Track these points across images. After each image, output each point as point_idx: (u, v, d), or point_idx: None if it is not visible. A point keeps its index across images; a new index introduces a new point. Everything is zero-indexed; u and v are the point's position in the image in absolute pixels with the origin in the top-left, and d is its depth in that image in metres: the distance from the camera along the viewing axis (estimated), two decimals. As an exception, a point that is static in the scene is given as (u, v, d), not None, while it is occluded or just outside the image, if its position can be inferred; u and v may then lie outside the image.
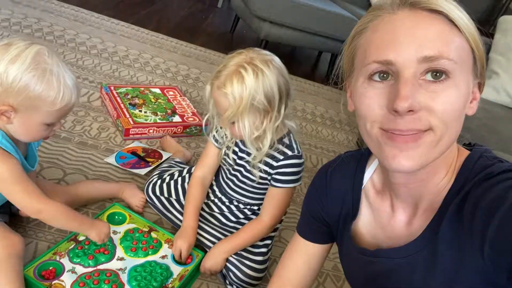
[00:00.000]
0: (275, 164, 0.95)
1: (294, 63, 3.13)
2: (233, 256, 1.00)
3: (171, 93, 1.73)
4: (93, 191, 1.11)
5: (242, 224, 1.07)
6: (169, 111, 1.59)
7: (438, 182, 0.52)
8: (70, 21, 2.21)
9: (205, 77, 2.12)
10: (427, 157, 0.47)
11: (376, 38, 0.48)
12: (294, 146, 0.96)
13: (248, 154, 0.98)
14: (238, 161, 1.01)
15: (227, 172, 1.06)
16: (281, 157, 0.95)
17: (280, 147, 0.95)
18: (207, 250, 1.04)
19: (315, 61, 3.37)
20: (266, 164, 0.96)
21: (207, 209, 1.10)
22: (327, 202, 0.66)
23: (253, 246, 1.02)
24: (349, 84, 0.55)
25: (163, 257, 1.00)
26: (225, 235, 1.05)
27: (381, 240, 0.60)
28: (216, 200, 1.10)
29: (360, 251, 0.61)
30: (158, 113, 1.56)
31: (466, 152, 0.54)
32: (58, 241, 0.97)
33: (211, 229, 1.07)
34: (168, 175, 1.19)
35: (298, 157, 0.96)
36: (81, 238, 0.97)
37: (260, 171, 0.97)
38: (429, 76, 0.45)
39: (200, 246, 1.06)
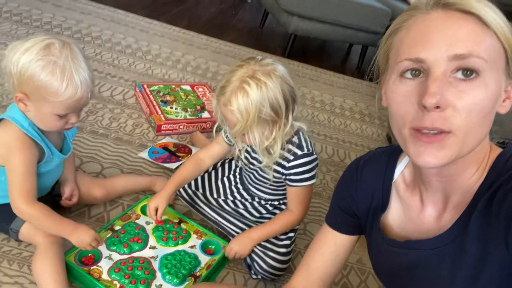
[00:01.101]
0: (287, 164, 0.98)
1: (324, 57, 3.12)
2: (257, 247, 1.05)
3: (200, 89, 1.79)
4: (128, 184, 1.18)
5: (266, 218, 1.11)
6: (198, 107, 1.66)
7: (469, 178, 0.53)
8: (107, 22, 2.32)
9: (234, 73, 2.16)
10: (453, 156, 0.48)
11: (409, 37, 0.50)
12: (304, 144, 0.98)
13: (259, 160, 1.02)
14: (252, 160, 1.05)
15: (244, 170, 1.10)
16: (292, 157, 0.97)
17: (290, 146, 0.97)
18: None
19: (345, 54, 3.33)
20: (278, 164, 0.99)
21: (232, 206, 1.15)
22: (357, 195, 0.68)
23: (276, 238, 1.06)
24: (384, 81, 0.56)
25: (191, 247, 1.06)
26: (250, 227, 1.10)
27: (410, 233, 0.61)
28: (239, 197, 1.15)
29: (389, 242, 0.62)
30: (188, 109, 1.62)
31: (498, 150, 0.54)
32: (96, 231, 1.05)
33: (237, 221, 1.12)
34: (196, 169, 1.24)
35: (309, 154, 0.97)
36: (117, 227, 1.05)
37: (274, 171, 1.00)
38: (459, 74, 0.46)
39: (227, 238, 1.11)
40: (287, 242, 1.06)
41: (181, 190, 1.21)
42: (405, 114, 0.50)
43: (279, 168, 1.00)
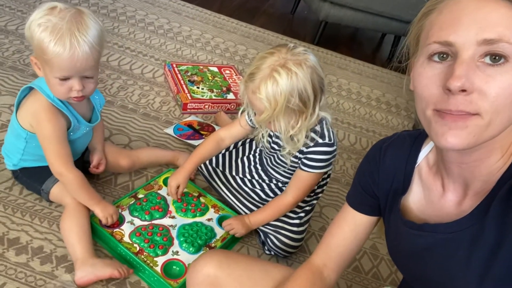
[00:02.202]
0: (305, 149, 0.98)
1: (354, 45, 3.07)
2: (269, 226, 1.08)
3: (227, 71, 1.82)
4: (152, 156, 1.24)
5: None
6: (224, 88, 1.69)
7: (492, 164, 0.53)
8: (141, 2, 2.38)
9: (262, 57, 2.18)
10: (476, 138, 0.48)
11: (439, 19, 0.50)
12: (326, 133, 0.97)
13: (279, 145, 1.04)
14: (272, 144, 1.07)
15: (265, 152, 1.13)
16: (311, 144, 0.97)
17: (312, 135, 0.97)
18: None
19: (377, 44, 3.26)
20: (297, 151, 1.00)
21: (250, 186, 1.18)
22: (379, 176, 0.68)
23: (288, 217, 1.09)
24: (412, 64, 0.56)
25: (208, 219, 1.10)
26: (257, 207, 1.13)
27: (429, 217, 0.62)
28: (257, 177, 1.18)
29: (407, 224, 0.63)
30: (214, 90, 1.66)
31: None
32: (121, 197, 1.11)
33: (250, 204, 1.15)
34: (218, 147, 1.28)
35: (329, 145, 0.97)
36: (140, 196, 1.10)
37: (292, 156, 1.02)
38: (488, 59, 0.46)
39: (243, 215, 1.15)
40: (297, 221, 1.09)
41: (202, 166, 1.25)
42: (429, 96, 0.50)
43: (297, 153, 1.01)
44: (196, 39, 2.18)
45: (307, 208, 1.11)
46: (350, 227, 0.74)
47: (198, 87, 1.64)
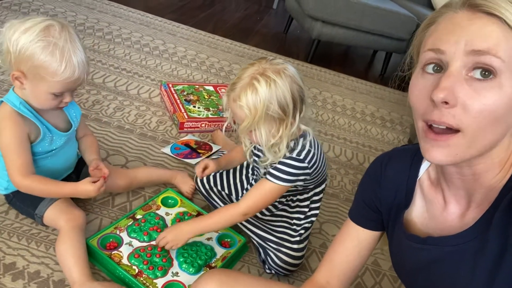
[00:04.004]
0: (272, 162, 0.99)
1: (347, 63, 3.12)
2: (270, 243, 1.07)
3: (223, 90, 1.84)
4: (150, 175, 1.23)
5: (277, 216, 1.12)
6: (220, 107, 1.70)
7: (492, 177, 0.53)
8: (136, 24, 2.42)
9: (256, 76, 2.20)
10: (460, 157, 0.49)
11: (436, 30, 0.52)
12: (298, 149, 0.96)
13: (259, 155, 1.05)
14: (254, 157, 1.08)
15: (253, 166, 1.14)
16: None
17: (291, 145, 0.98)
18: (253, 239, 1.12)
19: (369, 61, 3.32)
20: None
21: None
22: (381, 190, 0.68)
23: (288, 234, 1.08)
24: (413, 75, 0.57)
25: (208, 239, 1.09)
26: (260, 227, 1.12)
27: (432, 230, 0.62)
28: None
29: (410, 238, 0.62)
30: (210, 108, 1.67)
31: None
32: (119, 218, 1.10)
33: (249, 223, 1.13)
34: (217, 165, 1.28)
35: (298, 160, 0.96)
36: (138, 216, 1.09)
37: (265, 168, 1.02)
38: (477, 74, 0.46)
39: (244, 233, 1.14)
40: (298, 238, 1.08)
41: (200, 185, 1.24)
42: (419, 107, 0.51)
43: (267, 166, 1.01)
44: (191, 59, 2.20)
45: (307, 225, 1.10)
46: (353, 243, 0.73)
47: (194, 106, 1.65)
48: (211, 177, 1.24)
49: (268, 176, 0.98)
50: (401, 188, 0.66)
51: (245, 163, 1.25)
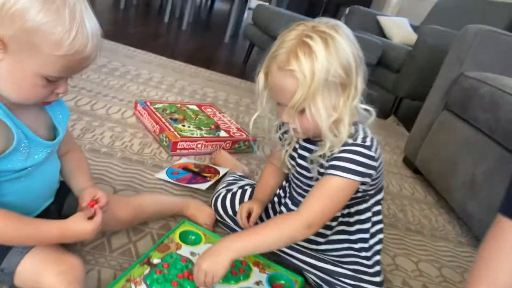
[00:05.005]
0: (329, 154, 0.74)
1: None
2: (343, 280, 0.80)
3: (209, 110, 1.58)
4: (157, 205, 0.91)
5: (335, 242, 0.87)
6: (212, 126, 1.43)
7: None
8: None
9: (234, 100, 1.98)
10: None
11: None
12: (360, 135, 0.74)
13: (310, 150, 0.80)
14: (299, 161, 0.83)
15: (292, 177, 0.88)
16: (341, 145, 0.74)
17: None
18: (304, 274, 0.84)
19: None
20: (323, 156, 0.76)
21: None
22: None
23: (361, 264, 0.83)
24: None
25: (257, 283, 0.79)
26: (322, 258, 0.85)
27: None
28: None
29: None
30: (203, 128, 1.39)
31: None
32: (125, 267, 0.75)
33: (292, 250, 0.86)
34: (238, 187, 1.00)
35: (365, 147, 0.72)
36: (156, 260, 0.76)
37: (318, 165, 0.78)
38: None
39: (298, 271, 0.86)
40: (378, 268, 0.83)
41: (222, 213, 0.96)
42: None
43: (323, 162, 0.76)
44: (158, 82, 1.91)
45: (377, 246, 0.85)
46: None
47: (183, 125, 1.36)
48: (236, 200, 0.95)
49: (331, 171, 0.72)
50: None
51: None
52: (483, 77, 1.38)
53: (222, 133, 1.40)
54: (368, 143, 0.73)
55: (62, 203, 0.77)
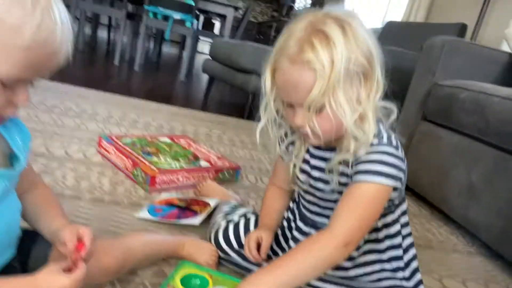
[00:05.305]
0: (354, 159, 0.65)
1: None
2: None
3: (182, 141, 1.44)
4: (148, 246, 0.74)
5: (361, 265, 0.74)
6: (190, 157, 1.29)
7: None
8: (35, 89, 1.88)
9: (203, 132, 1.86)
10: None
11: None
12: (384, 134, 0.65)
13: (325, 159, 0.70)
14: (313, 173, 0.72)
15: (305, 196, 0.77)
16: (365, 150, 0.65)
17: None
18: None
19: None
20: (344, 162, 0.66)
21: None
22: None
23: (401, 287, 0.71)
24: None
25: (287, 326, 0.64)
26: (348, 285, 0.73)
27: None
28: (300, 235, 0.77)
29: None
30: (180, 159, 1.24)
31: None
32: (119, 331, 0.57)
33: (324, 282, 0.74)
34: (239, 217, 0.86)
35: (393, 146, 0.64)
36: (159, 317, 0.59)
37: (338, 174, 0.68)
38: None
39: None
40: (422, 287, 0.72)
41: (225, 247, 0.81)
42: None
43: (345, 169, 0.66)
44: (120, 119, 1.75)
45: (414, 263, 0.75)
46: None
47: (159, 158, 1.21)
48: (241, 230, 0.81)
49: (361, 176, 0.62)
50: None
51: None
52: (459, 84, 1.39)
53: (203, 163, 1.26)
54: (395, 143, 0.65)
55: (26, 255, 0.59)
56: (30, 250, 0.59)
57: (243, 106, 2.51)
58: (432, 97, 1.50)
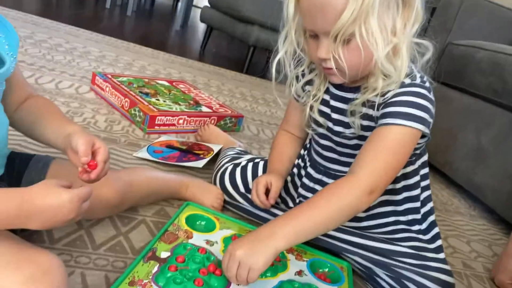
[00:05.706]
0: (381, 100, 0.59)
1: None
2: (403, 260, 0.64)
3: (181, 86, 1.35)
4: (151, 184, 0.68)
5: (375, 216, 0.70)
6: (191, 101, 1.21)
7: None
8: (25, 23, 1.75)
9: (202, 81, 1.77)
10: None
11: None
12: (417, 74, 0.59)
13: (347, 100, 0.64)
14: (334, 115, 0.66)
15: (319, 140, 0.71)
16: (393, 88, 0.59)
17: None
18: (346, 258, 0.68)
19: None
20: (370, 105, 0.60)
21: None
22: None
23: (419, 240, 0.67)
24: None
25: (298, 273, 0.60)
26: (363, 234, 0.69)
27: None
28: (316, 187, 0.72)
29: None
30: (180, 103, 1.17)
31: None
32: (120, 267, 0.53)
33: (337, 231, 0.70)
34: (246, 161, 0.80)
35: (425, 88, 0.58)
36: (164, 254, 0.54)
37: (360, 117, 0.62)
38: None
39: (340, 255, 0.68)
40: (440, 241, 0.69)
41: (233, 192, 0.76)
42: None
43: (369, 111, 0.60)
44: (113, 60, 1.64)
45: (431, 217, 0.70)
46: None
47: (157, 99, 1.13)
48: (248, 174, 0.76)
49: (390, 119, 0.56)
50: None
51: None
52: (475, 44, 1.32)
53: (204, 109, 1.18)
54: (427, 85, 0.59)
55: (18, 178, 0.52)
56: (22, 174, 0.53)
57: (242, 60, 2.40)
58: (445, 57, 1.43)
